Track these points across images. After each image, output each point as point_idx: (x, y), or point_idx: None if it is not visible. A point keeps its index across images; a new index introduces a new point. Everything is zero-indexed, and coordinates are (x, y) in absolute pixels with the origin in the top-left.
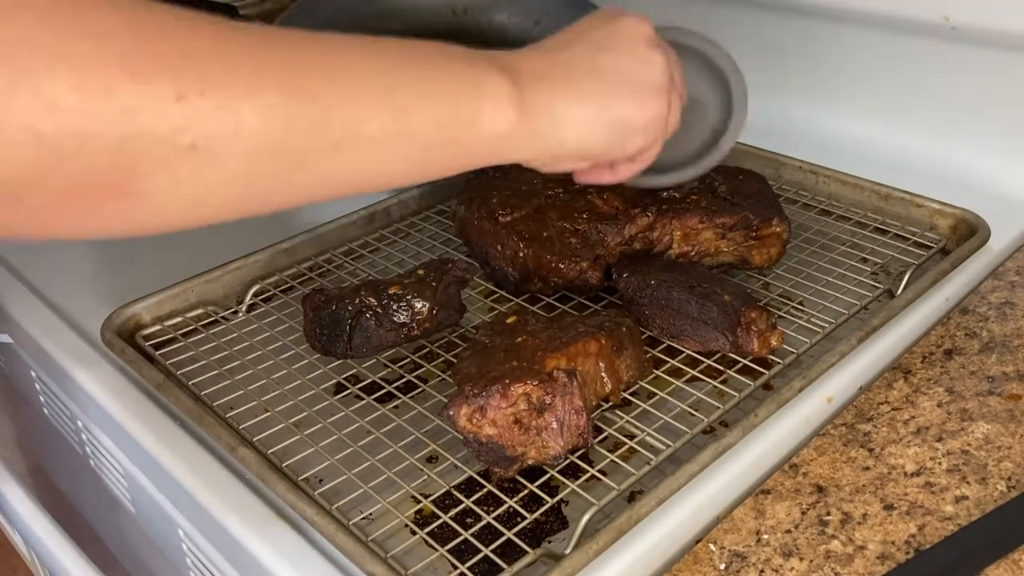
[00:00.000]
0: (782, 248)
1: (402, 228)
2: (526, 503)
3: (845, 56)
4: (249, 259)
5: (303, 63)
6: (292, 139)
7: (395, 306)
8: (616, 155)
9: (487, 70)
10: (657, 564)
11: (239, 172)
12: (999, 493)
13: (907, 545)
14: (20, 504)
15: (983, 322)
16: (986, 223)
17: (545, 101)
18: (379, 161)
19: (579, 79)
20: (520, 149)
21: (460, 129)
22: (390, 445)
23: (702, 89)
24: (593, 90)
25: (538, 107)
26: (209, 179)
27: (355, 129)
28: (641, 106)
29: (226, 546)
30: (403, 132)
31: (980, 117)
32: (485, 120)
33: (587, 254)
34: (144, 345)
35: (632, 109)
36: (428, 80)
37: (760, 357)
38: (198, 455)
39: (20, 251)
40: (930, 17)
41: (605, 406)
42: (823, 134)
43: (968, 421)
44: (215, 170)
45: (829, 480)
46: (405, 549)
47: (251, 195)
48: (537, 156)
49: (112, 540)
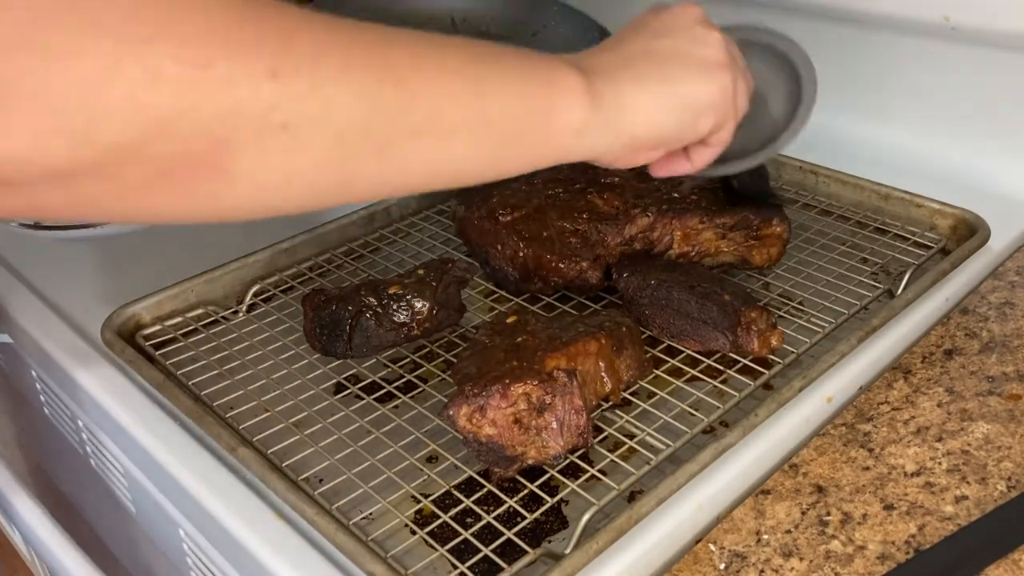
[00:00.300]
0: (782, 248)
1: (402, 228)
2: (526, 503)
3: (845, 56)
4: (249, 259)
5: (391, 49)
6: (377, 123)
7: (395, 306)
8: (689, 137)
9: (559, 66)
10: (657, 564)
11: (325, 155)
12: (999, 493)
13: (907, 545)
14: (20, 504)
15: (983, 322)
16: (986, 223)
17: (612, 91)
18: (457, 151)
19: (640, 67)
20: (594, 142)
21: (536, 121)
22: (390, 445)
23: (767, 82)
24: (656, 74)
25: (607, 98)
26: (297, 160)
27: (437, 116)
28: (706, 82)
29: (226, 546)
30: (482, 122)
31: (980, 117)
32: (561, 112)
33: (587, 254)
34: (144, 345)
35: (697, 87)
36: (506, 73)
37: (760, 357)
38: (198, 455)
39: (20, 251)
40: (930, 17)
41: (605, 406)
42: (824, 134)
43: (968, 421)
44: (303, 151)
45: (829, 480)
46: (405, 549)
47: (334, 181)
48: (611, 147)
49: (112, 540)
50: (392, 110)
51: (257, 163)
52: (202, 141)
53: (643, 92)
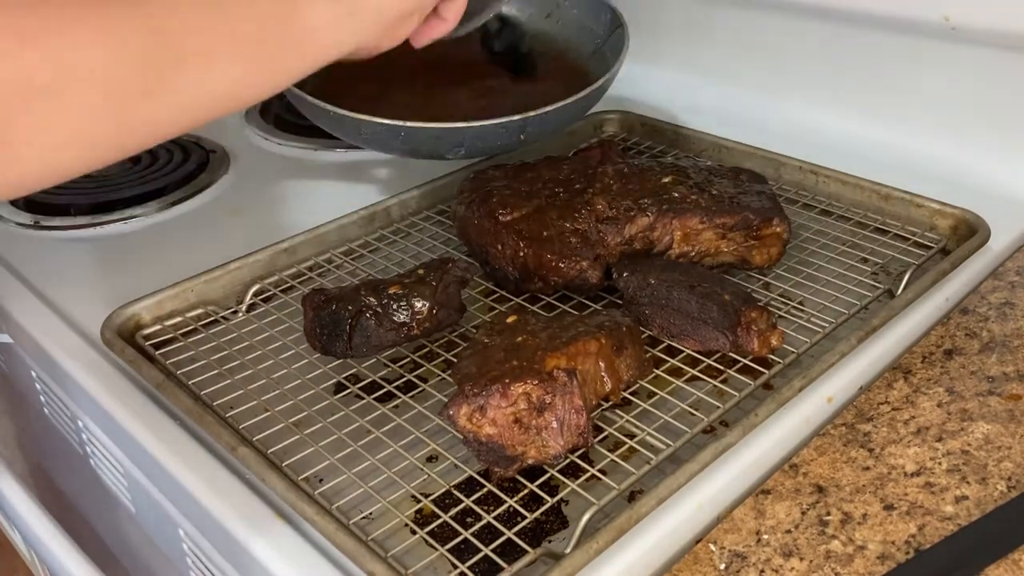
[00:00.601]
0: (782, 248)
1: (402, 228)
2: (526, 503)
3: (845, 56)
4: (249, 259)
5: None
6: (136, 66)
7: (395, 306)
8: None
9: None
10: (657, 564)
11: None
12: (999, 493)
13: (907, 545)
14: (20, 504)
15: (983, 322)
16: (986, 223)
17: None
18: (221, 75)
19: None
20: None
21: (285, 29)
22: (390, 445)
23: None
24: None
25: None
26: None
27: (191, 46)
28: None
29: (226, 546)
30: (234, 41)
31: (980, 117)
32: (304, 12)
33: (587, 253)
34: (144, 345)
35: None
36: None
37: (760, 357)
38: (198, 455)
39: (20, 251)
40: (930, 17)
41: (605, 405)
42: (823, 134)
43: (968, 421)
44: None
45: (829, 480)
46: (405, 548)
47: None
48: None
49: (112, 540)
50: (146, 51)
51: (32, 128)
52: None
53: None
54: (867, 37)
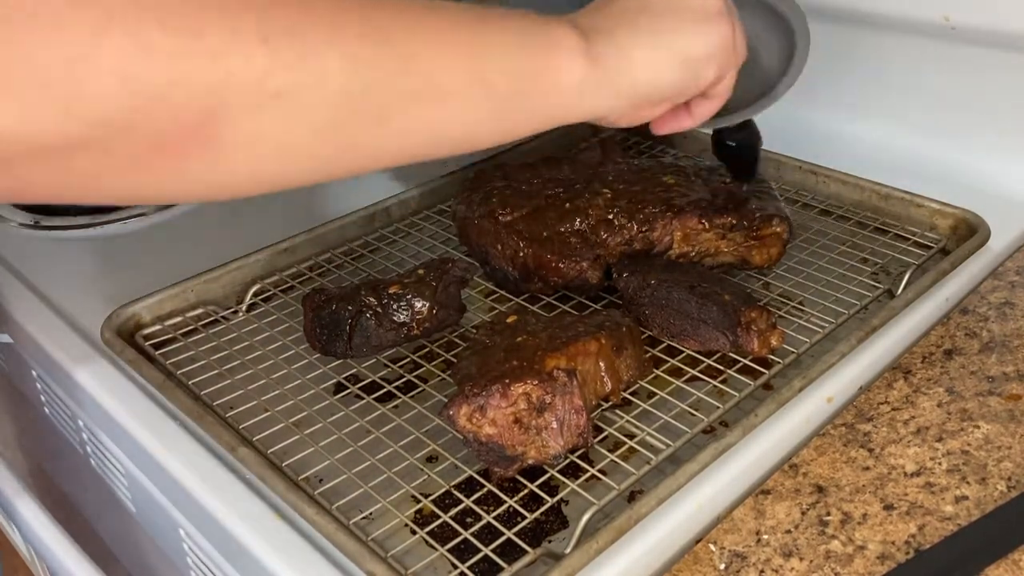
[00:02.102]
0: (782, 248)
1: (402, 228)
2: (526, 503)
3: (845, 56)
4: (249, 259)
5: (381, 13)
6: (373, 88)
7: (395, 306)
8: (691, 90)
9: (556, 25)
10: (657, 564)
11: (322, 124)
12: (999, 493)
13: (907, 545)
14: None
15: (983, 322)
16: (986, 223)
17: (611, 48)
18: (456, 115)
19: (637, 21)
20: (595, 100)
21: (535, 82)
22: (390, 445)
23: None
24: (652, 27)
25: (605, 55)
26: (292, 130)
27: (434, 78)
28: (704, 33)
29: (226, 546)
30: (480, 85)
31: (980, 117)
32: (560, 71)
33: (587, 254)
34: (144, 345)
35: (696, 38)
36: (502, 32)
37: (760, 357)
38: (198, 455)
39: (20, 251)
40: (930, 17)
41: (605, 406)
42: (823, 134)
43: (968, 421)
44: (298, 120)
45: (829, 480)
46: (405, 548)
47: (333, 152)
48: (613, 106)
49: (113, 540)
50: (386, 74)
51: (251, 134)
52: (194, 113)
53: (642, 47)
54: (867, 37)
